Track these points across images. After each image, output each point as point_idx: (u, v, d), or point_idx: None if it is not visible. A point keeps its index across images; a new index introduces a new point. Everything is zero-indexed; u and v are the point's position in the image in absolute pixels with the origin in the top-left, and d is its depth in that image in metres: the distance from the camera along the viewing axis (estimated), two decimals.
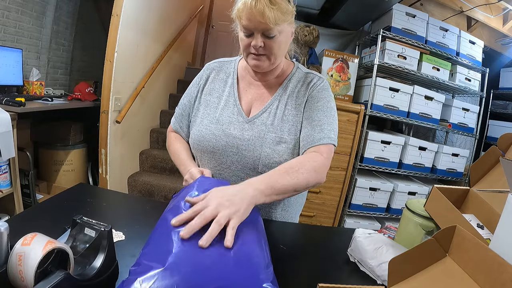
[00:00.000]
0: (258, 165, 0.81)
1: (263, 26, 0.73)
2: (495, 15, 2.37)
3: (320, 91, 0.86)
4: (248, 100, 0.89)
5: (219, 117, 0.86)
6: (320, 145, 0.79)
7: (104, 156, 2.05)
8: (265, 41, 0.76)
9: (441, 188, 0.69)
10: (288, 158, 0.80)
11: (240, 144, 0.82)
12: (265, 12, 0.70)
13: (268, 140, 0.81)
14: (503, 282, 0.43)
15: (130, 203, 0.90)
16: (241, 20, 0.75)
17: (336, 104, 0.90)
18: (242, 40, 0.79)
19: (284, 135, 0.82)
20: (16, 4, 2.15)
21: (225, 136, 0.83)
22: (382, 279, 0.62)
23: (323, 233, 0.95)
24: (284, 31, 0.78)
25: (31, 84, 2.26)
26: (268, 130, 0.82)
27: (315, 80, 0.88)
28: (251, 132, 0.83)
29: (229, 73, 0.93)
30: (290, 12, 0.76)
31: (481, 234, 0.59)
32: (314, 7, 2.32)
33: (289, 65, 0.93)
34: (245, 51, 0.80)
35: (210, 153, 0.85)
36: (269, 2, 0.71)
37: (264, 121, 0.84)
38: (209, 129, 0.85)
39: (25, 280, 0.38)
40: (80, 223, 0.48)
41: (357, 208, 2.20)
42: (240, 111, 0.86)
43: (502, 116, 2.75)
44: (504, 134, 0.75)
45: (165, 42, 2.68)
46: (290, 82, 0.89)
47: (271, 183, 0.63)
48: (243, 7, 0.73)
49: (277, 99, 0.87)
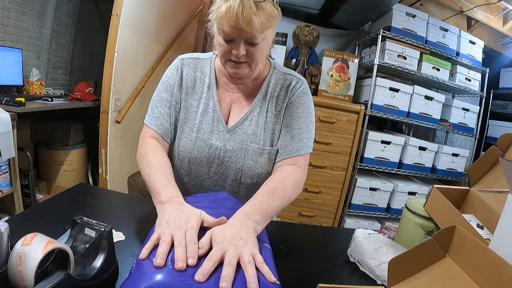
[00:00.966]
0: (240, 176, 0.81)
1: (247, 34, 0.68)
2: (495, 15, 2.37)
3: (300, 95, 0.84)
4: (226, 104, 0.85)
5: (199, 125, 0.82)
6: (298, 156, 0.80)
7: (104, 156, 2.05)
8: (248, 48, 0.71)
9: (441, 188, 0.69)
10: (269, 168, 0.82)
11: (223, 156, 0.81)
12: (252, 20, 0.65)
13: (251, 152, 0.80)
14: (502, 282, 0.43)
15: (130, 203, 0.90)
16: (222, 25, 0.68)
17: (336, 104, 0.90)
18: (222, 46, 0.73)
19: (266, 146, 0.81)
20: (16, 4, 2.15)
21: (207, 147, 0.81)
22: (382, 279, 0.62)
23: (323, 233, 0.95)
24: (268, 36, 0.74)
25: (31, 84, 2.26)
26: (251, 141, 0.81)
27: (294, 83, 0.85)
28: (234, 143, 0.81)
29: (205, 72, 0.86)
30: (276, 17, 0.71)
31: (481, 234, 0.59)
32: (314, 7, 2.32)
33: (266, 65, 0.87)
34: (224, 57, 0.75)
35: (191, 164, 0.83)
36: (256, 8, 0.65)
37: (245, 130, 0.82)
38: (189, 138, 0.82)
39: (25, 280, 0.38)
40: (80, 223, 0.48)
41: (357, 208, 2.20)
42: (220, 118, 0.82)
43: (502, 116, 2.75)
44: (504, 134, 0.75)
45: (165, 42, 2.68)
46: (269, 85, 0.85)
47: (264, 210, 0.63)
48: (227, 12, 0.66)
49: (257, 105, 0.84)
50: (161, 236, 0.51)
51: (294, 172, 0.76)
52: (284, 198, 0.69)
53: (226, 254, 0.50)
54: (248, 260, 0.49)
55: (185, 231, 0.52)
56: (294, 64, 2.12)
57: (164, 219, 0.55)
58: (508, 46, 2.54)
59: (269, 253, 0.58)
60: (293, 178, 0.75)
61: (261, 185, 0.72)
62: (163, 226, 0.54)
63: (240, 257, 0.50)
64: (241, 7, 0.64)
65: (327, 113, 1.99)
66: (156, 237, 0.51)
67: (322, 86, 2.10)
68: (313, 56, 2.14)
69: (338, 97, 2.10)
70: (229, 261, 0.48)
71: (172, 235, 0.51)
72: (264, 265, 0.50)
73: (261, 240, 0.59)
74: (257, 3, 0.65)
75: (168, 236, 0.50)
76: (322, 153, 2.04)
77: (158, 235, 0.52)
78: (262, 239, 0.60)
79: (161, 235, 0.51)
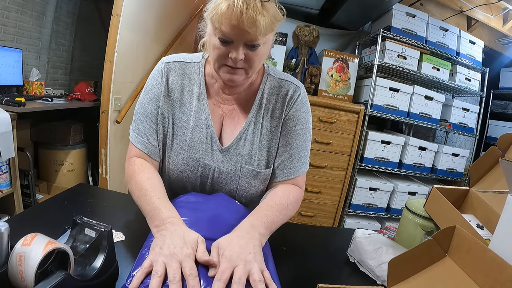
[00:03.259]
0: (234, 197, 0.78)
1: (249, 36, 0.61)
2: (495, 15, 2.37)
3: (298, 108, 0.78)
4: (218, 117, 0.77)
5: (190, 142, 0.75)
6: (297, 177, 0.78)
7: (104, 156, 2.05)
8: (247, 52, 0.65)
9: (440, 188, 0.69)
10: (264, 188, 0.80)
11: (217, 176, 0.76)
12: (257, 20, 0.59)
13: (245, 173, 0.76)
14: (502, 282, 0.43)
15: (130, 203, 0.90)
16: (221, 25, 0.61)
17: (336, 104, 0.88)
18: (217, 49, 0.65)
19: (261, 169, 0.77)
20: (16, 4, 2.15)
21: (201, 167, 0.75)
22: (382, 280, 0.62)
23: (323, 233, 0.95)
24: (268, 40, 0.68)
25: (31, 84, 2.26)
26: (245, 162, 0.76)
27: (291, 92, 0.78)
28: (227, 164, 0.75)
29: (194, 79, 0.77)
30: (280, 20, 0.65)
31: (481, 234, 0.59)
32: (314, 7, 2.32)
33: (259, 70, 0.79)
34: (218, 62, 0.67)
35: (184, 183, 0.78)
36: (262, 7, 0.59)
37: (240, 151, 0.76)
38: (181, 157, 0.75)
39: (26, 280, 0.38)
40: (80, 224, 0.48)
41: (357, 208, 2.20)
42: (214, 136, 0.75)
43: (502, 116, 2.75)
44: (504, 134, 0.75)
45: (165, 42, 2.68)
46: (263, 96, 0.78)
47: (268, 224, 0.63)
48: (229, 9, 0.59)
49: (252, 121, 0.77)
50: (153, 264, 0.48)
51: (296, 191, 0.76)
52: (286, 215, 0.69)
53: (235, 271, 0.49)
54: (259, 279, 0.48)
55: (180, 261, 0.49)
56: (294, 64, 2.12)
57: (158, 244, 0.52)
58: (508, 46, 2.54)
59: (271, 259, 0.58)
60: (295, 197, 0.75)
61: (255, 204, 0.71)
62: (155, 251, 0.50)
63: (250, 273, 0.49)
64: (246, 5, 0.58)
65: (327, 113, 1.99)
66: (148, 264, 0.48)
67: (322, 86, 2.10)
68: (313, 56, 2.14)
69: (338, 97, 2.10)
70: (239, 279, 0.47)
71: (165, 264, 0.48)
72: (272, 282, 0.50)
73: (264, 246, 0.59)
74: (262, 2, 0.60)
75: (161, 266, 0.47)
76: (322, 153, 2.04)
77: (150, 261, 0.49)
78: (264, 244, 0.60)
79: (154, 264, 0.48)
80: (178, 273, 0.47)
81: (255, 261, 0.51)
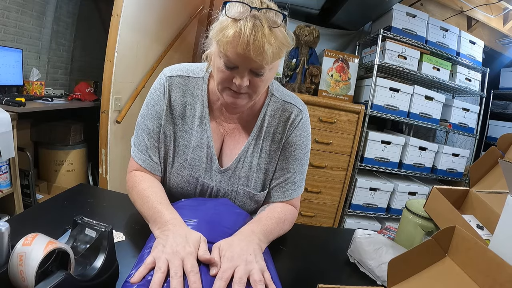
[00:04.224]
0: None
1: (255, 64, 0.59)
2: (495, 15, 2.37)
3: (298, 133, 0.77)
4: (219, 135, 0.77)
5: (191, 162, 0.75)
6: (293, 199, 0.80)
7: (104, 156, 2.05)
8: (252, 78, 0.62)
9: (440, 188, 0.69)
10: (258, 207, 0.82)
11: (214, 195, 0.79)
12: (264, 49, 0.56)
13: (241, 194, 0.78)
14: (502, 282, 0.43)
15: (131, 203, 0.90)
16: (226, 51, 0.58)
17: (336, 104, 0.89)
18: (221, 72, 0.63)
19: (257, 191, 0.79)
20: (16, 4, 2.15)
21: (200, 185, 0.77)
22: (382, 280, 0.62)
23: (323, 233, 0.95)
24: (275, 65, 0.65)
25: (31, 84, 2.26)
26: (242, 184, 0.77)
27: (294, 116, 0.77)
28: (225, 184, 0.77)
29: (197, 96, 0.75)
30: (289, 46, 0.62)
31: (481, 234, 0.59)
32: (314, 7, 2.32)
33: None
34: (222, 84, 0.65)
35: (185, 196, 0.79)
36: (269, 35, 0.56)
37: (238, 173, 0.77)
38: (181, 174, 0.76)
39: (26, 280, 0.38)
40: (81, 224, 0.48)
41: (357, 208, 2.20)
42: (214, 157, 0.75)
43: (502, 116, 2.75)
44: (504, 135, 0.75)
45: (165, 42, 2.68)
46: (265, 118, 0.77)
47: (267, 233, 0.65)
48: (236, 38, 0.55)
49: (251, 143, 0.77)
50: (156, 261, 0.49)
51: (291, 210, 0.79)
52: (282, 229, 0.72)
53: (236, 270, 0.50)
54: (259, 279, 0.49)
55: (182, 259, 0.49)
56: (294, 64, 2.12)
57: (161, 243, 0.53)
58: (508, 46, 2.54)
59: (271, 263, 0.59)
60: (291, 215, 0.78)
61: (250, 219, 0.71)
62: (158, 249, 0.51)
63: (250, 274, 0.50)
64: (254, 33, 0.55)
65: (327, 113, 1.99)
66: (151, 261, 0.49)
67: (322, 86, 2.10)
68: (313, 56, 2.13)
69: (338, 97, 2.10)
70: (239, 279, 0.48)
71: (168, 261, 0.49)
72: (272, 283, 0.51)
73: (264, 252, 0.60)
74: (271, 28, 0.57)
75: (164, 263, 0.48)
76: (322, 153, 2.04)
77: (153, 258, 0.49)
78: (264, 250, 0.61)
79: (156, 261, 0.49)
80: (180, 270, 0.48)
81: (255, 262, 0.53)
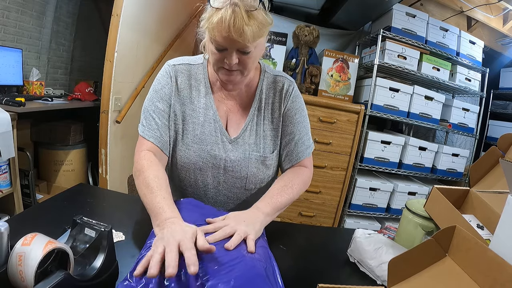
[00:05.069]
0: (245, 184, 0.85)
1: (239, 44, 0.68)
2: (495, 15, 2.37)
3: (294, 100, 0.87)
4: (223, 112, 0.85)
5: (201, 136, 0.82)
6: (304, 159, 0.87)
7: (104, 156, 2.05)
8: (240, 57, 0.72)
9: (441, 188, 0.69)
10: (271, 173, 0.89)
11: (227, 166, 0.83)
12: (244, 31, 0.65)
13: (253, 160, 0.84)
14: (502, 282, 0.43)
15: (130, 203, 0.90)
16: (214, 36, 0.68)
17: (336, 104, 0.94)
18: (214, 54, 0.73)
19: (266, 154, 0.85)
20: (16, 4, 2.15)
21: (211, 158, 0.82)
22: (382, 280, 0.62)
23: (323, 233, 0.95)
24: (260, 44, 0.73)
25: (31, 84, 2.26)
26: (252, 150, 0.84)
27: (286, 86, 0.86)
28: (236, 152, 0.83)
29: (200, 80, 0.85)
30: (268, 25, 0.70)
31: (481, 234, 0.59)
32: (314, 7, 2.32)
33: (256, 69, 0.88)
34: (216, 65, 0.75)
35: (196, 175, 0.83)
36: (248, 18, 0.65)
37: (246, 140, 0.84)
38: (193, 149, 0.81)
39: (25, 280, 0.38)
40: (80, 223, 0.48)
41: (357, 208, 2.20)
42: (222, 129, 0.83)
43: (502, 116, 2.75)
44: (504, 135, 0.75)
45: (165, 42, 2.68)
46: (262, 92, 0.86)
47: (273, 204, 0.72)
48: (219, 23, 0.65)
49: (254, 114, 0.86)
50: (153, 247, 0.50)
51: (301, 171, 0.85)
52: (292, 193, 0.78)
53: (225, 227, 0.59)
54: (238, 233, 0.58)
55: (178, 241, 0.50)
56: (294, 64, 2.12)
57: (159, 238, 0.54)
58: (508, 46, 2.54)
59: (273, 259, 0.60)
60: (300, 176, 0.83)
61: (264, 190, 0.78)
62: (157, 243, 0.52)
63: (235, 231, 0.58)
64: (233, 18, 0.63)
65: (327, 113, 1.99)
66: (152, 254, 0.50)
67: (322, 86, 2.10)
68: (313, 56, 2.13)
69: (338, 97, 2.10)
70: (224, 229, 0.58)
71: (165, 246, 0.49)
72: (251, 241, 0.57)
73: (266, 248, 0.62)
74: (248, 12, 0.65)
75: (161, 247, 0.49)
76: (322, 153, 2.04)
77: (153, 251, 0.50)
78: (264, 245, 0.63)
79: (153, 247, 0.50)
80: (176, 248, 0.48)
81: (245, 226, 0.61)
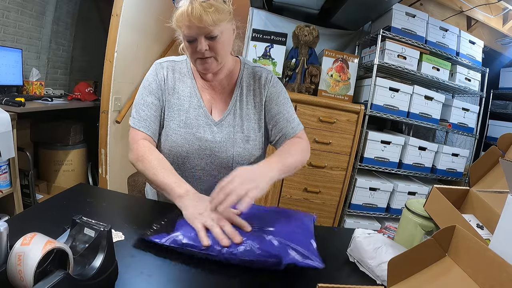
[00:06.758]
0: (231, 164, 0.89)
1: (203, 30, 0.76)
2: (495, 15, 2.37)
3: (274, 85, 0.95)
4: (207, 100, 0.92)
5: (186, 120, 0.87)
6: (298, 133, 0.93)
7: (104, 156, 2.05)
8: (209, 43, 0.78)
9: (440, 188, 0.69)
10: (257, 154, 0.93)
11: (213, 147, 0.88)
12: (202, 17, 0.73)
13: (238, 140, 0.89)
14: (502, 282, 0.43)
15: (130, 203, 0.90)
16: (182, 29, 0.77)
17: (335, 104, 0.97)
18: (188, 48, 0.81)
19: (250, 134, 0.91)
20: (16, 4, 2.15)
21: (197, 140, 0.87)
22: (382, 279, 0.62)
23: (323, 233, 0.95)
24: (226, 29, 0.80)
25: (31, 84, 2.26)
26: (236, 131, 0.89)
27: (265, 75, 0.95)
28: (221, 134, 0.88)
29: (184, 73, 0.93)
30: (227, 11, 0.79)
31: (481, 234, 0.59)
32: (314, 7, 2.32)
33: (236, 62, 0.96)
34: (193, 58, 0.83)
35: (184, 158, 0.88)
36: (205, 6, 0.73)
37: (230, 122, 0.90)
38: (179, 133, 0.87)
39: (25, 280, 0.38)
40: (80, 223, 0.48)
41: (357, 208, 2.20)
42: (206, 113, 0.89)
43: (502, 116, 2.75)
44: (504, 134, 0.75)
45: (165, 42, 2.68)
46: (242, 81, 0.94)
47: (283, 161, 0.78)
48: (181, 16, 0.75)
49: (237, 99, 0.92)
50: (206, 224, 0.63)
51: (297, 141, 0.90)
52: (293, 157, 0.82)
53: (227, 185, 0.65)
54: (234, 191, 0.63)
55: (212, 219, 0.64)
56: (294, 64, 2.12)
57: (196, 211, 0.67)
58: (508, 46, 2.54)
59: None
60: (298, 145, 0.88)
61: None
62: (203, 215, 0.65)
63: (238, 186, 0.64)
64: (190, 8, 0.73)
65: (327, 113, 1.99)
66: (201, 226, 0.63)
67: (322, 86, 2.09)
68: (313, 56, 2.13)
69: (338, 97, 2.10)
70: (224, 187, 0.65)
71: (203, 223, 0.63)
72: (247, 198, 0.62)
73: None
74: (203, 3, 0.73)
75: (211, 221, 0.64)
76: (322, 153, 2.04)
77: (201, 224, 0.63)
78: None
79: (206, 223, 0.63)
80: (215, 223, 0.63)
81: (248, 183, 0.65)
